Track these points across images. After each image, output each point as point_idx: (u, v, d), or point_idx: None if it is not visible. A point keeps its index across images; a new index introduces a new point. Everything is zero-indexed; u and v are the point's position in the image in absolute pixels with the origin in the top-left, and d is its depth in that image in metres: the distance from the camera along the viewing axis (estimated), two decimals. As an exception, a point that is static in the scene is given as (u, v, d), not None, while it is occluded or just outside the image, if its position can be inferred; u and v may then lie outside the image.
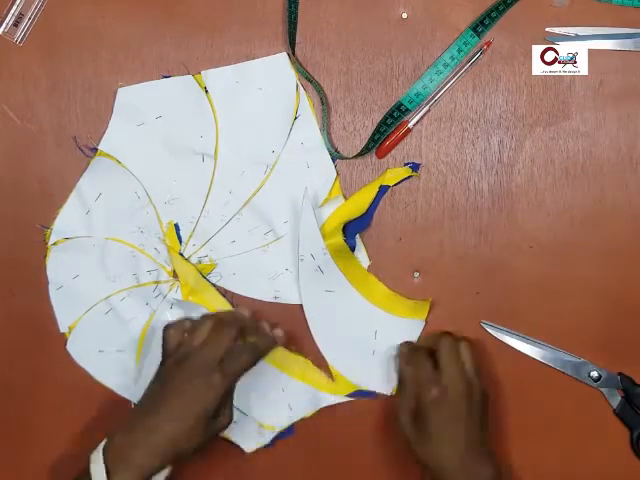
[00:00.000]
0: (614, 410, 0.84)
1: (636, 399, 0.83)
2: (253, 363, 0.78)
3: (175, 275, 0.85)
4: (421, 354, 0.80)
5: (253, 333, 0.79)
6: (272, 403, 0.85)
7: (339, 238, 0.83)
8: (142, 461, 0.72)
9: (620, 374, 0.84)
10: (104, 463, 0.72)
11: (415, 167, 0.83)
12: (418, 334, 0.84)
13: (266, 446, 0.86)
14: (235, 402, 0.85)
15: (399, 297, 0.85)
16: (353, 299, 0.84)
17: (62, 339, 0.87)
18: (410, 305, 0.85)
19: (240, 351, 0.77)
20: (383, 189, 0.84)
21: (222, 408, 0.76)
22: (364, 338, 0.85)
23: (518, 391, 0.85)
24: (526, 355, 0.85)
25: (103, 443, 0.74)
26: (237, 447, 0.86)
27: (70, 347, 0.87)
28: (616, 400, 0.84)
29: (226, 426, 0.77)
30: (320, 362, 0.85)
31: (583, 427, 0.85)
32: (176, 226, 0.86)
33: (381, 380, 0.85)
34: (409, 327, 0.84)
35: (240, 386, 0.85)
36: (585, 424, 0.85)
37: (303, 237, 0.83)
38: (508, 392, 0.85)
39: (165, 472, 0.74)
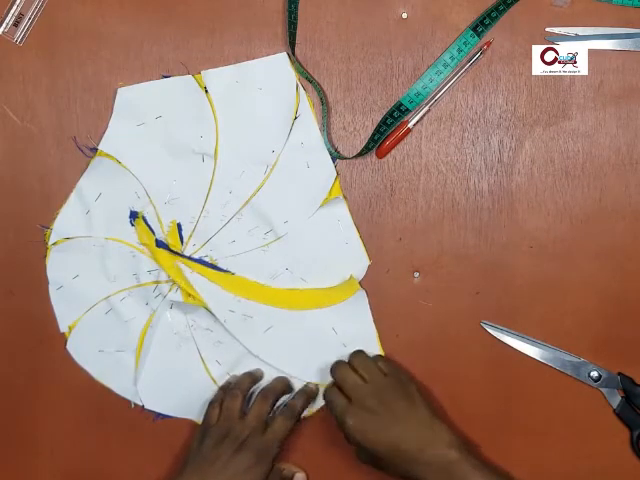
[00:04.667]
0: (614, 410, 0.84)
1: (636, 399, 0.83)
2: (285, 434, 0.82)
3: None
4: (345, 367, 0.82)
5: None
6: (272, 403, 0.85)
7: (232, 277, 0.85)
8: None
9: (620, 374, 0.84)
10: None
11: None
12: (366, 303, 0.85)
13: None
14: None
15: (325, 289, 0.85)
16: (292, 319, 0.85)
17: (62, 339, 0.87)
18: (340, 287, 0.85)
19: (273, 432, 0.81)
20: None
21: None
22: (328, 341, 0.85)
23: (518, 391, 0.85)
24: (526, 355, 0.85)
25: None
26: (237, 447, 0.86)
27: (70, 347, 0.87)
28: (616, 400, 0.84)
29: None
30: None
31: (583, 427, 0.85)
32: (178, 225, 0.86)
33: None
34: (355, 302, 0.84)
35: (240, 386, 0.86)
36: (585, 424, 0.85)
37: (213, 305, 0.84)
38: (508, 392, 0.85)
39: None
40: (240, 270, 0.86)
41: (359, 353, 0.83)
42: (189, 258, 0.85)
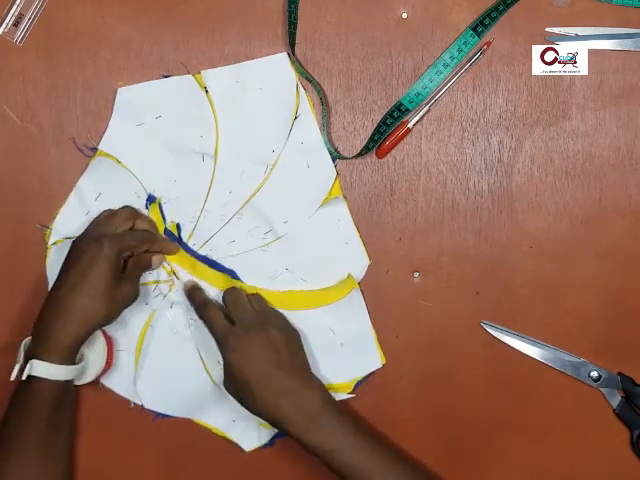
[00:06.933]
0: (614, 410, 0.84)
1: (636, 399, 0.83)
2: (139, 240, 0.81)
3: (174, 274, 0.86)
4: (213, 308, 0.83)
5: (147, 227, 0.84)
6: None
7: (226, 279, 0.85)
8: (57, 338, 0.77)
9: (620, 374, 0.84)
10: (26, 353, 0.77)
11: None
12: (362, 301, 0.85)
13: (265, 445, 0.86)
14: (234, 401, 0.85)
15: (322, 289, 0.85)
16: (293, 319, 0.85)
17: (62, 339, 0.87)
18: (336, 287, 0.85)
19: (131, 233, 0.82)
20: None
21: (121, 278, 0.79)
22: (325, 341, 0.85)
23: (518, 391, 0.85)
24: (526, 355, 0.85)
25: (27, 339, 0.79)
26: (237, 446, 0.86)
27: (70, 347, 0.87)
28: (616, 400, 0.84)
29: (131, 299, 0.81)
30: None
31: (583, 427, 0.85)
32: (177, 226, 0.86)
33: (367, 360, 0.85)
34: (351, 301, 0.85)
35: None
36: (585, 424, 0.85)
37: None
38: (508, 392, 0.85)
39: (100, 346, 0.82)
40: (240, 270, 0.86)
41: (258, 294, 0.85)
42: (193, 252, 0.86)
